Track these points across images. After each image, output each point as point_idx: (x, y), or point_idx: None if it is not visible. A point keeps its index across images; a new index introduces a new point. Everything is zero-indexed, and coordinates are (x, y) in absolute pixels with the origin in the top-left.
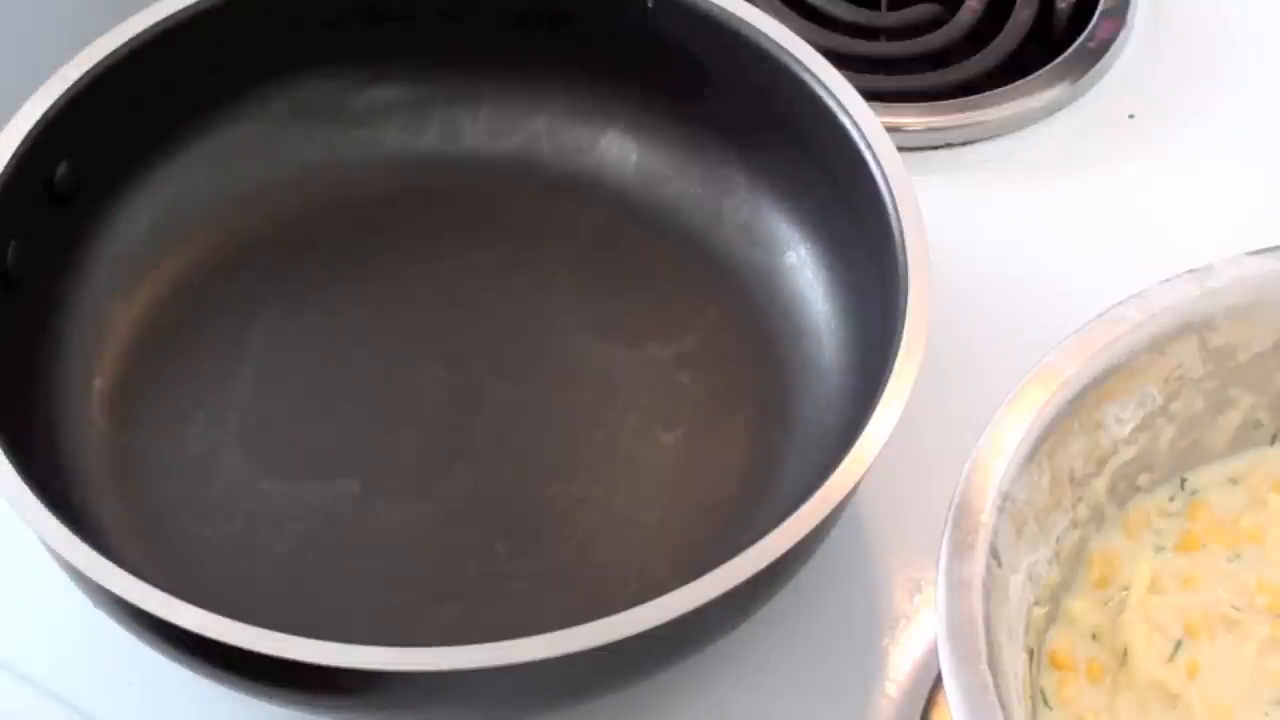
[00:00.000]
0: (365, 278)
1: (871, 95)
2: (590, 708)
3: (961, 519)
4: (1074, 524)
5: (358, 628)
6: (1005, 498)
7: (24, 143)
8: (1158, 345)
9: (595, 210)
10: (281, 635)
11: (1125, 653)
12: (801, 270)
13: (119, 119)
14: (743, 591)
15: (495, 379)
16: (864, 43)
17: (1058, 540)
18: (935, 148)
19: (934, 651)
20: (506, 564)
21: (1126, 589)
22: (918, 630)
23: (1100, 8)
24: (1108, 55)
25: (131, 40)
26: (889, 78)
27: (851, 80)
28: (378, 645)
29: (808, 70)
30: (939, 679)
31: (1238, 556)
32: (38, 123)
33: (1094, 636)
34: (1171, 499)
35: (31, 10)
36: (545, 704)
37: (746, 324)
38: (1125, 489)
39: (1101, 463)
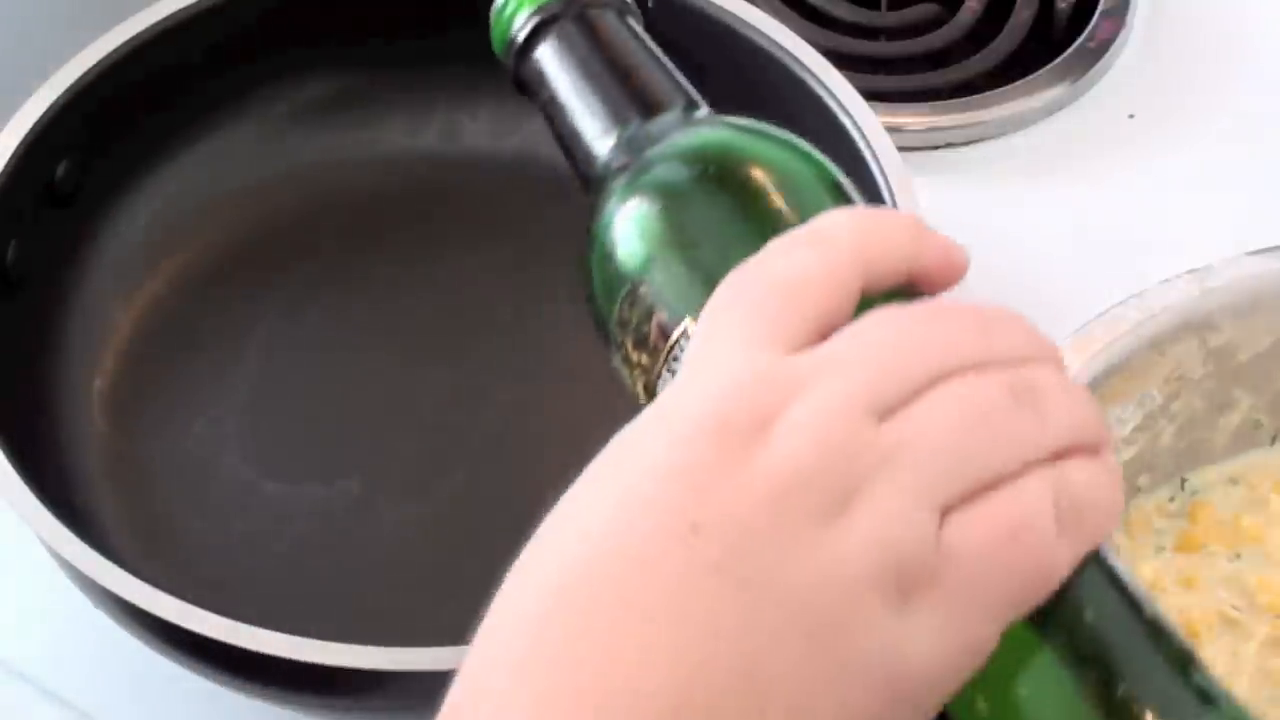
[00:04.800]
0: (365, 278)
1: (871, 95)
2: None
3: None
4: None
5: (358, 628)
6: None
7: (24, 143)
8: (1158, 345)
9: None
10: (281, 635)
11: None
12: None
13: (119, 119)
14: None
15: (495, 379)
16: (864, 43)
17: None
18: (935, 148)
19: None
20: (506, 564)
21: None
22: None
23: (1100, 8)
24: (1108, 55)
25: (131, 40)
26: (889, 78)
27: (851, 80)
28: (378, 645)
29: (808, 70)
30: None
31: (1238, 556)
32: (38, 123)
33: None
34: (1171, 499)
35: (31, 10)
36: None
37: None
38: (1125, 489)
39: None
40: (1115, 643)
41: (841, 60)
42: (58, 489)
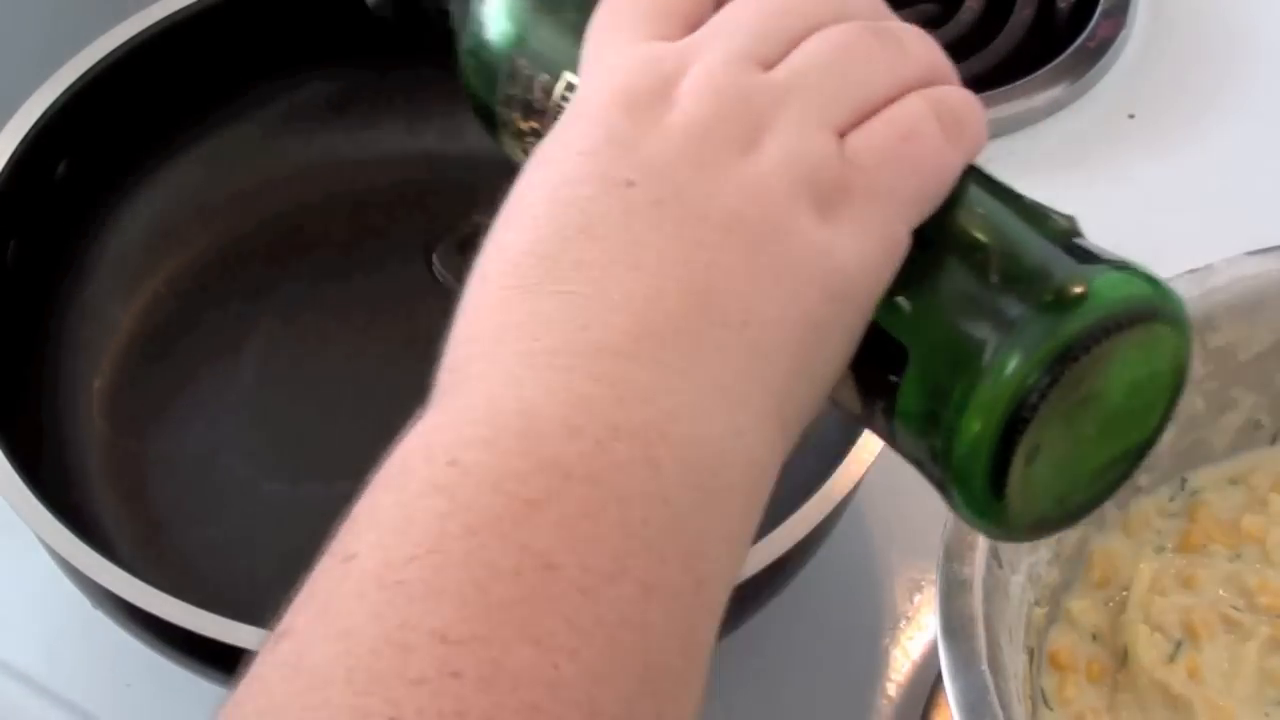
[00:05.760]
0: (365, 278)
1: None
2: None
3: None
4: None
5: None
6: None
7: (24, 143)
8: None
9: None
10: None
11: (1125, 653)
12: None
13: (119, 119)
14: (743, 591)
15: None
16: None
17: (1058, 540)
18: None
19: (934, 651)
20: None
21: (1126, 589)
22: (918, 630)
23: (1100, 7)
24: (1108, 55)
25: (131, 40)
26: None
27: None
28: None
29: None
30: (939, 679)
31: (1238, 556)
32: (37, 122)
33: (1094, 637)
34: (1172, 499)
35: (31, 10)
36: None
37: None
38: (1126, 489)
39: None
40: (1006, 227)
41: None
42: (58, 489)
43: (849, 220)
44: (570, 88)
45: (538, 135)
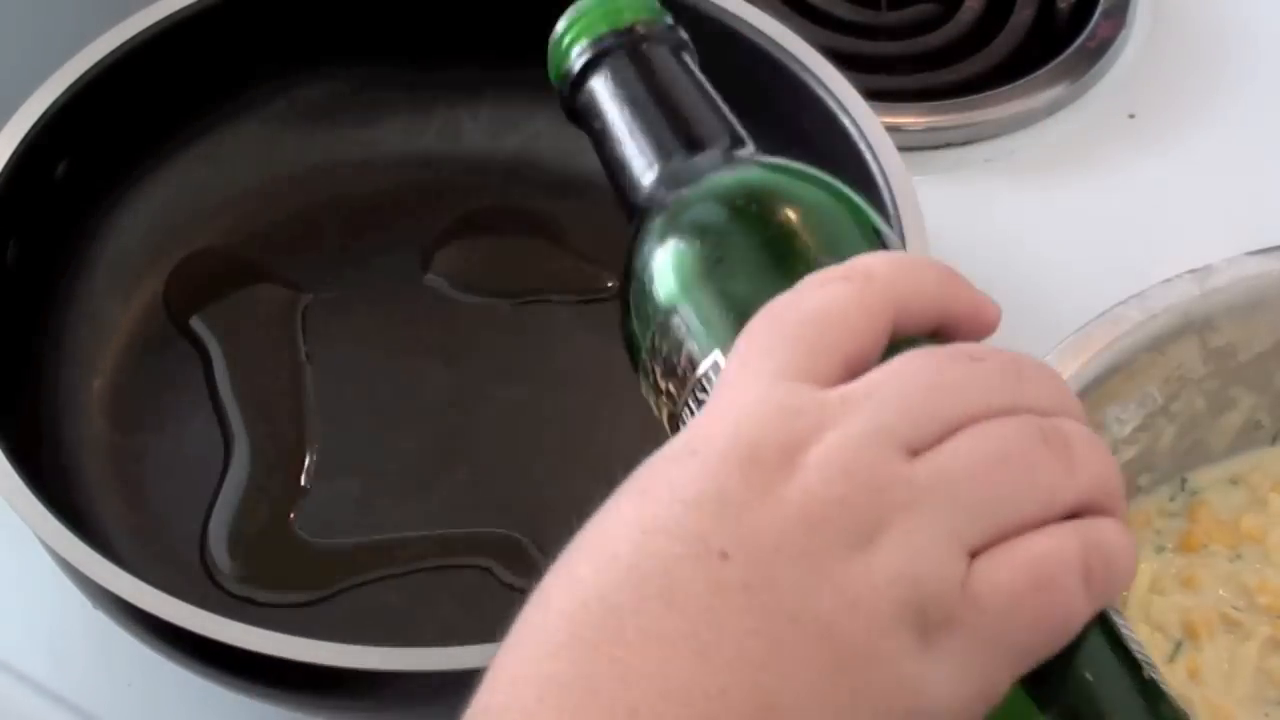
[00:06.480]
0: (365, 278)
1: (871, 95)
2: None
3: None
4: None
5: (358, 628)
6: None
7: (24, 142)
8: (1158, 345)
9: (595, 210)
10: (281, 635)
11: None
12: None
13: (119, 119)
14: None
15: (495, 379)
16: (864, 42)
17: None
18: (935, 147)
19: None
20: (506, 565)
21: (1126, 589)
22: None
23: (1100, 8)
24: (1108, 55)
25: (131, 40)
26: (889, 78)
27: (851, 80)
28: (378, 645)
29: (808, 70)
30: None
31: (1238, 556)
32: (37, 122)
33: None
34: (1172, 499)
35: (31, 10)
36: None
37: None
38: (1126, 489)
39: None
40: (1110, 705)
41: (841, 60)
42: (58, 489)
43: (950, 656)
44: (716, 369)
45: (671, 401)
